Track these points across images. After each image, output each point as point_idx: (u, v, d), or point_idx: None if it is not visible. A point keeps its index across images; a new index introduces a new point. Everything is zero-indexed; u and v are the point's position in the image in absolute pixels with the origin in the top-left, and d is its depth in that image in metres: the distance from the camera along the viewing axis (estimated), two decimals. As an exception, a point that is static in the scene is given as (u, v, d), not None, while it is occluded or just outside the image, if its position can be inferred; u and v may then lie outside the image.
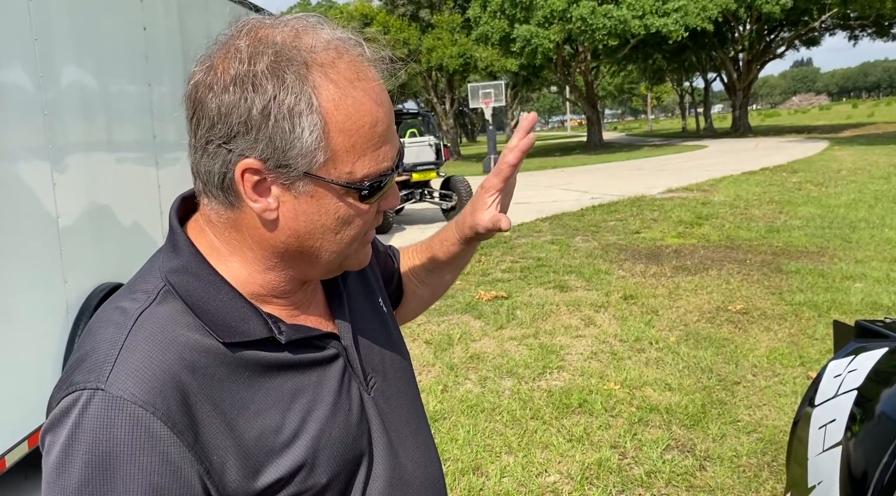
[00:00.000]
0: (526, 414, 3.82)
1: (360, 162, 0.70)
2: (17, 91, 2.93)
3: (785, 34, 38.46)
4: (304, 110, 0.66)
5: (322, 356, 0.78)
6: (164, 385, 0.66)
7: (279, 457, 0.71)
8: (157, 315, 0.70)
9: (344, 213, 0.71)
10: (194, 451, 0.66)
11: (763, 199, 11.34)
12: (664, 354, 4.60)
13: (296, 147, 0.67)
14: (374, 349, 0.87)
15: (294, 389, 0.74)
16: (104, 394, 0.64)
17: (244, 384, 0.71)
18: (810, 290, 5.82)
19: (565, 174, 20.78)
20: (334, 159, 0.68)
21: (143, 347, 0.67)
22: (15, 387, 2.80)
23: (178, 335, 0.69)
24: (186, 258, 0.74)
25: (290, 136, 0.67)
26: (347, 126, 0.68)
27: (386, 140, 0.71)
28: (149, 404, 0.64)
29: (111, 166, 3.68)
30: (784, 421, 3.55)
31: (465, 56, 34.18)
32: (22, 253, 2.87)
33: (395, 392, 0.87)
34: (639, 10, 27.82)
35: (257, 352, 0.73)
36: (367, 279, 0.96)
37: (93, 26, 3.55)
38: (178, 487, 0.64)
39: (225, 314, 0.72)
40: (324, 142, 0.67)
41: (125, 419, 0.63)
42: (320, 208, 0.70)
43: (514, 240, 9.20)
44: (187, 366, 0.68)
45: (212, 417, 0.68)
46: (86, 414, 0.63)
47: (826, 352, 4.42)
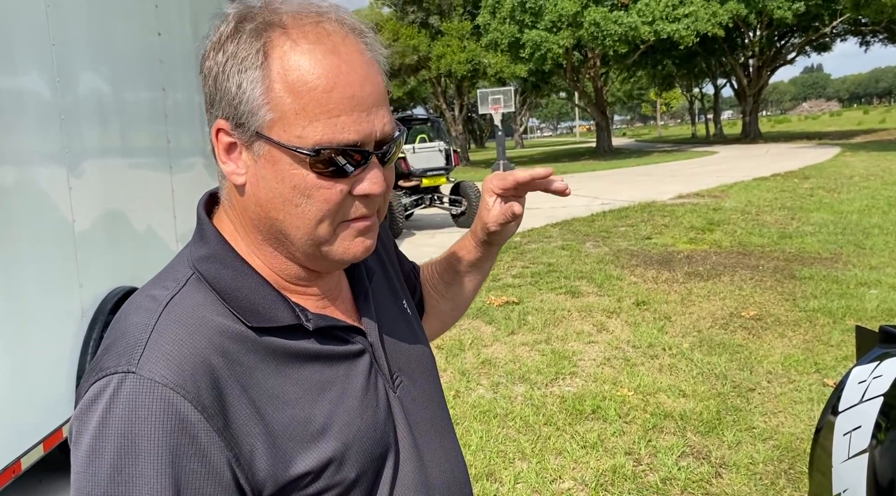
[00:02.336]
0: (539, 420, 3.80)
1: (311, 127, 0.67)
2: (34, 96, 2.95)
3: (795, 40, 38.29)
4: (250, 66, 0.67)
5: (349, 350, 0.78)
6: (196, 368, 0.66)
7: (308, 449, 0.70)
8: (186, 301, 0.71)
9: (300, 182, 0.68)
10: (224, 437, 0.65)
11: (775, 205, 11.27)
12: (678, 360, 4.57)
13: (244, 103, 0.68)
14: (401, 349, 0.87)
15: (323, 381, 0.74)
16: (135, 376, 0.64)
17: (273, 372, 0.71)
18: (824, 297, 5.77)
19: (575, 180, 20.74)
20: (283, 120, 0.67)
21: (174, 331, 0.67)
22: (30, 390, 2.81)
23: (207, 320, 0.69)
24: (213, 246, 0.75)
25: (238, 92, 0.68)
26: (298, 86, 0.66)
27: (347, 110, 0.67)
28: (180, 387, 0.64)
29: (126, 171, 3.70)
30: (800, 428, 3.52)
31: (474, 62, 34.23)
32: (38, 257, 2.88)
33: (420, 394, 0.87)
34: (649, 16, 27.78)
35: (285, 341, 0.73)
36: (391, 281, 0.96)
37: (109, 32, 3.58)
38: (207, 472, 0.64)
39: (253, 300, 0.72)
40: (271, 100, 0.67)
41: (157, 402, 0.63)
42: (276, 174, 0.69)
43: (524, 245, 9.18)
44: (217, 350, 0.68)
45: (241, 403, 0.68)
46: (117, 397, 0.63)
47: (842, 358, 4.38)
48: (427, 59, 36.34)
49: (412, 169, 11.50)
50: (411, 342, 0.90)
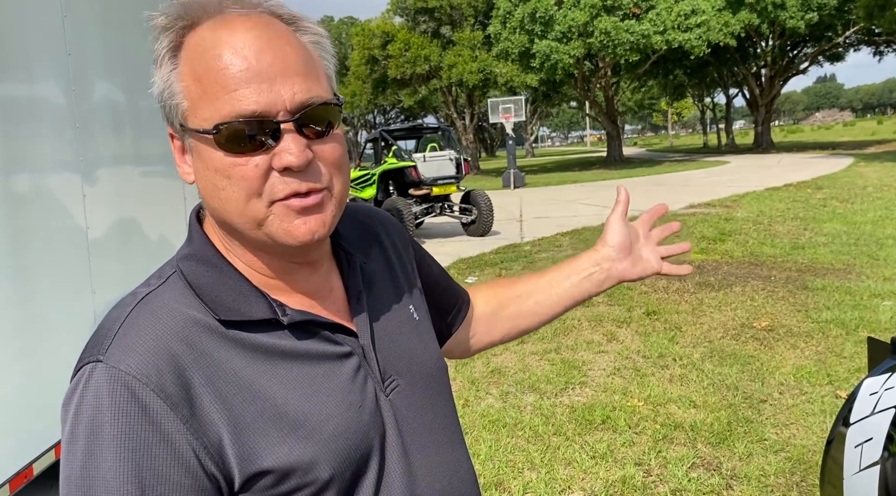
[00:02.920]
0: (548, 429, 3.78)
1: (213, 107, 0.68)
2: (50, 105, 3.00)
3: (808, 50, 38.17)
4: (169, 62, 0.70)
5: (335, 351, 0.77)
6: (160, 358, 0.68)
7: (276, 445, 0.70)
8: (162, 296, 0.73)
9: (218, 164, 0.69)
10: (189, 425, 0.67)
11: (787, 216, 11.21)
12: (688, 371, 4.54)
13: (168, 99, 0.71)
14: (400, 353, 0.85)
15: (300, 378, 0.74)
16: (103, 365, 0.67)
17: (245, 365, 0.72)
18: (837, 308, 5.72)
19: (585, 189, 20.73)
20: (193, 108, 0.69)
21: (142, 323, 0.70)
22: (42, 395, 2.83)
23: (178, 312, 0.71)
24: (197, 245, 0.77)
25: (165, 90, 0.71)
26: (200, 71, 0.68)
27: (244, 83, 0.67)
28: (143, 375, 0.66)
29: (139, 179, 3.74)
30: (813, 440, 3.48)
31: (485, 72, 34.34)
32: (52, 263, 2.91)
33: (420, 400, 0.85)
34: (660, 26, 27.79)
35: (260, 336, 0.73)
36: (398, 282, 0.93)
37: (123, 41, 3.62)
38: (172, 458, 0.66)
39: (227, 295, 0.74)
40: (183, 90, 0.69)
41: (120, 389, 0.65)
42: (203, 163, 0.71)
43: (534, 254, 9.18)
44: (183, 340, 0.70)
45: (206, 392, 0.69)
46: (88, 386, 0.67)
47: (855, 370, 4.34)
48: (438, 68, 36.49)
49: (423, 177, 11.53)
50: (415, 347, 0.88)
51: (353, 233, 0.91)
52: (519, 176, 23.36)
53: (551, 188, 22.05)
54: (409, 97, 40.77)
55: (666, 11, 27.86)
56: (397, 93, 42.63)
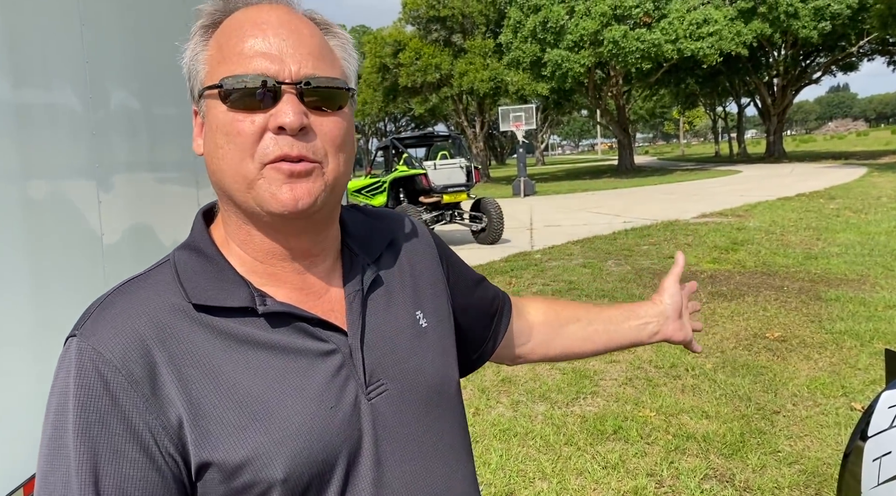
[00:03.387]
0: (560, 439, 3.76)
1: (227, 68, 0.72)
2: (67, 112, 3.02)
3: (821, 59, 38.01)
4: (199, 40, 0.77)
5: (316, 347, 0.75)
6: (126, 336, 0.70)
7: (233, 435, 0.69)
8: (144, 280, 0.76)
9: (222, 122, 0.72)
10: (149, 403, 0.68)
11: (800, 226, 11.14)
12: (700, 381, 4.51)
13: (193, 74, 0.77)
14: (395, 358, 0.81)
15: (271, 370, 0.72)
16: (77, 340, 0.71)
17: (215, 351, 0.72)
18: (851, 319, 5.67)
19: (596, 197, 20.68)
20: (210, 72, 0.74)
21: (119, 303, 0.73)
22: (56, 400, 2.85)
23: (155, 296, 0.74)
24: (195, 236, 0.80)
25: (191, 64, 0.77)
26: (222, 42, 0.74)
27: (259, 53, 0.72)
28: (108, 351, 0.69)
29: (154, 185, 3.77)
30: (827, 453, 3.45)
31: (496, 80, 34.41)
32: (67, 269, 2.93)
33: (412, 408, 0.80)
34: (672, 35, 27.77)
35: (233, 323, 0.73)
36: (408, 288, 0.89)
37: (140, 49, 3.66)
38: (128, 434, 0.67)
39: (207, 281, 0.75)
40: (205, 59, 0.75)
41: (86, 363, 0.69)
42: (211, 124, 0.74)
43: (544, 262, 9.16)
44: (152, 322, 0.71)
45: (168, 373, 0.70)
46: (64, 357, 0.71)
47: (870, 382, 4.30)
48: (449, 76, 36.59)
49: (433, 185, 11.55)
50: (415, 354, 0.83)
51: (365, 233, 0.90)
52: (529, 184, 23.34)
53: (562, 196, 22.02)
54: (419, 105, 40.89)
55: (678, 20, 27.86)
56: (408, 101, 42.78)
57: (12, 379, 2.61)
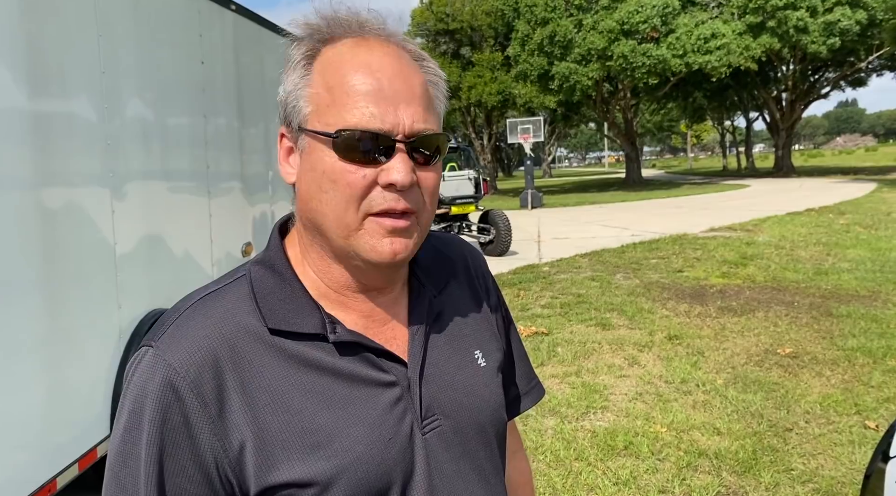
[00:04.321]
0: (570, 454, 3.73)
1: (340, 115, 0.72)
2: (83, 122, 3.04)
3: (830, 74, 37.97)
4: (305, 68, 0.75)
5: (379, 377, 0.76)
6: (202, 355, 0.71)
7: (297, 460, 0.70)
8: (224, 296, 0.76)
9: (328, 167, 0.72)
10: (214, 425, 0.69)
11: (810, 241, 11.08)
12: (712, 397, 4.47)
13: (291, 102, 0.75)
14: (452, 394, 0.82)
15: (335, 398, 0.74)
16: (153, 351, 0.71)
17: (282, 376, 0.73)
18: (863, 335, 5.62)
19: (604, 210, 20.65)
20: (318, 112, 0.73)
21: (196, 319, 0.73)
22: (66, 409, 2.84)
23: (232, 315, 0.74)
24: (271, 254, 0.80)
25: (293, 93, 0.75)
26: (332, 81, 0.73)
27: (374, 102, 0.71)
28: (182, 369, 0.70)
29: (166, 195, 3.78)
30: (841, 472, 3.40)
31: (504, 92, 34.51)
32: (81, 277, 2.94)
33: (463, 446, 0.81)
34: (679, 49, 27.81)
35: (304, 348, 0.74)
36: (469, 325, 0.89)
37: (155, 60, 3.68)
38: (191, 452, 0.69)
39: (283, 304, 0.75)
40: (309, 94, 0.74)
41: (161, 377, 0.70)
42: (312, 164, 0.74)
43: (553, 275, 9.13)
44: (228, 344, 0.72)
45: (239, 398, 0.70)
46: (139, 367, 0.72)
47: (884, 400, 4.25)
48: (457, 88, 36.72)
49: (441, 196, 11.56)
50: (468, 392, 0.84)
51: (432, 263, 0.90)
52: (537, 196, 23.34)
53: (569, 209, 22.00)
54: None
55: (686, 35, 27.90)
56: (416, 112, 42.80)
57: (26, 386, 2.61)
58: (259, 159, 5.03)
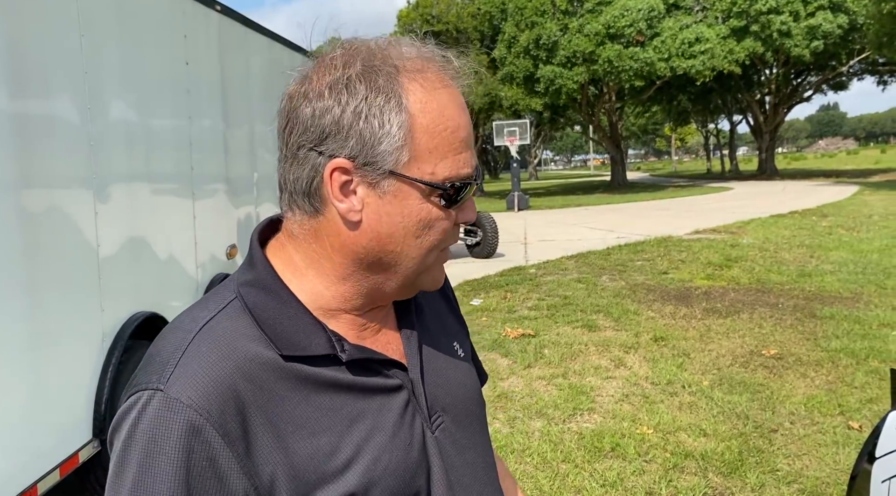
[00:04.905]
0: (557, 456, 3.73)
1: (441, 164, 0.71)
2: (65, 123, 3.00)
3: (812, 78, 38.43)
4: (394, 109, 0.69)
5: (385, 384, 0.77)
6: (222, 393, 0.67)
7: (331, 482, 0.69)
8: (223, 324, 0.72)
9: (426, 215, 0.72)
10: (243, 463, 0.66)
11: (793, 243, 11.19)
12: (697, 399, 4.49)
13: (383, 144, 0.69)
14: (446, 390, 0.84)
15: (354, 413, 0.73)
16: (163, 395, 0.66)
17: (302, 401, 0.71)
18: (846, 337, 5.68)
19: (589, 213, 20.74)
20: (418, 159, 0.70)
21: (205, 354, 0.69)
22: (49, 413, 2.80)
23: (239, 346, 0.70)
24: (260, 272, 0.75)
25: (379, 133, 0.69)
26: (432, 127, 0.71)
27: (467, 147, 0.74)
28: (204, 409, 0.65)
29: (150, 197, 3.74)
30: (826, 472, 3.43)
31: (490, 95, 34.58)
32: (63, 280, 2.90)
33: (463, 437, 0.84)
34: (664, 53, 28.02)
35: (318, 370, 0.73)
36: (444, 320, 0.94)
37: (139, 61, 3.65)
38: (221, 493, 0.65)
39: (289, 328, 0.73)
40: (410, 140, 0.70)
41: (180, 422, 0.65)
42: (403, 209, 0.71)
43: (539, 277, 9.15)
44: (245, 376, 0.69)
45: (265, 431, 0.68)
46: (144, 414, 0.65)
47: (867, 401, 4.30)
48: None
49: (428, 199, 11.53)
50: (459, 384, 0.87)
51: None
52: (523, 198, 23.39)
53: (555, 211, 22.07)
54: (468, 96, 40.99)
55: (671, 39, 28.11)
56: (403, 114, 42.83)
57: (6, 389, 2.57)
58: (244, 161, 5.00)
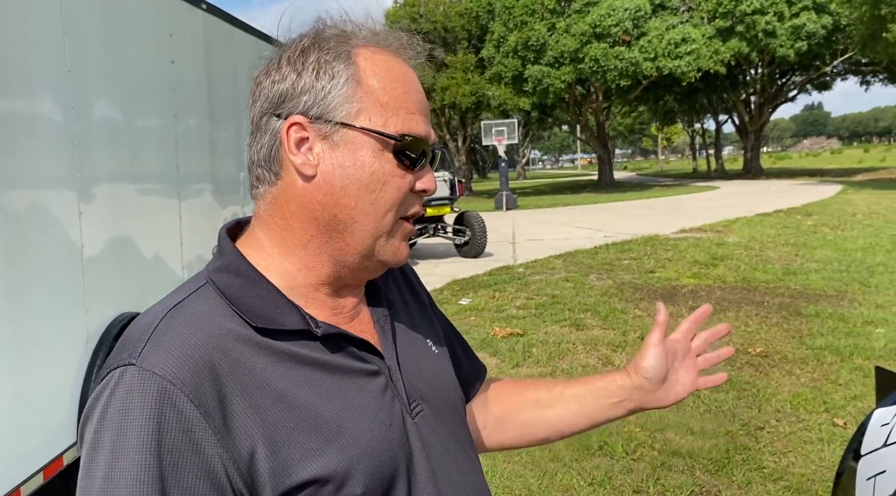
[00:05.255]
0: (545, 455, 3.74)
1: (393, 119, 0.74)
2: (48, 122, 2.97)
3: (797, 78, 38.77)
4: (342, 63, 0.74)
5: (363, 367, 0.77)
6: (196, 364, 0.66)
7: (313, 457, 0.69)
8: (194, 304, 0.72)
9: (378, 168, 0.74)
10: (220, 436, 0.65)
11: (778, 241, 11.28)
12: (684, 397, 4.51)
13: (331, 95, 0.74)
14: (422, 379, 0.85)
15: (334, 389, 0.74)
16: (135, 368, 0.65)
17: (282, 375, 0.71)
18: (831, 335, 5.73)
19: (577, 212, 20.81)
20: (368, 111, 0.74)
21: (178, 328, 0.69)
22: (32, 415, 2.77)
23: (213, 321, 0.71)
24: (229, 258, 0.77)
25: (329, 86, 0.74)
26: (381, 85, 0.75)
27: (420, 112, 0.77)
28: (179, 380, 0.65)
29: (135, 197, 3.71)
30: (811, 469, 3.46)
31: (478, 94, 34.60)
32: (46, 281, 2.86)
33: (444, 426, 0.85)
34: (651, 53, 28.16)
35: (296, 346, 0.73)
36: (414, 317, 0.94)
37: (124, 59, 3.61)
38: (200, 469, 0.64)
39: (261, 305, 0.73)
40: (358, 92, 0.74)
41: (153, 393, 0.64)
42: (356, 161, 0.74)
43: (527, 276, 9.17)
44: (220, 349, 0.68)
45: (242, 404, 0.67)
46: (117, 388, 0.65)
47: (851, 398, 4.34)
48: (431, 90, 36.73)
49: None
50: (436, 376, 0.88)
51: None
52: (511, 198, 23.43)
53: (543, 210, 22.13)
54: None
55: (657, 39, 28.26)
56: (390, 114, 42.73)
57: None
58: (230, 161, 4.96)
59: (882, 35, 23.65)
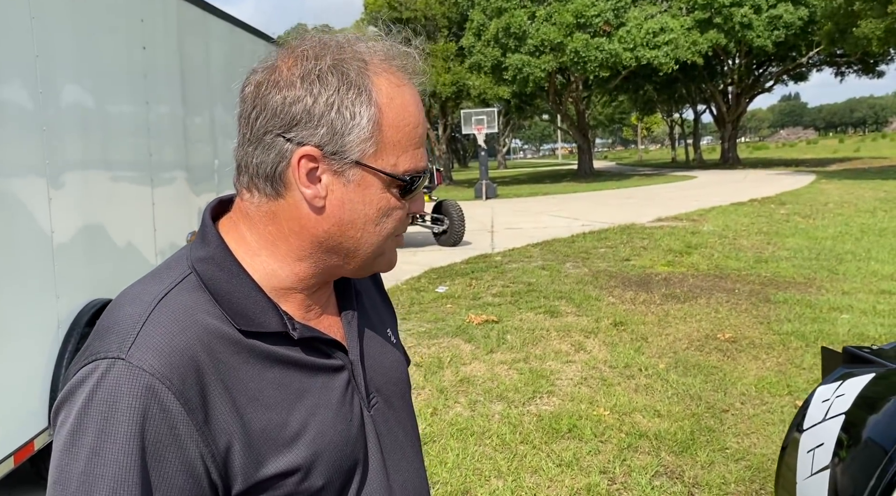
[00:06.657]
0: (516, 438, 3.81)
1: (403, 157, 0.77)
2: (16, 107, 2.96)
3: (773, 69, 39.14)
4: (364, 102, 0.74)
5: (329, 364, 0.81)
6: (183, 362, 0.70)
7: (280, 453, 0.74)
8: (180, 298, 0.74)
9: (385, 204, 0.77)
10: (202, 432, 0.69)
11: (751, 230, 11.45)
12: (653, 381, 4.61)
13: (352, 134, 0.74)
14: (381, 371, 0.90)
15: (301, 389, 0.78)
16: (124, 363, 0.68)
17: (256, 375, 0.75)
18: (798, 320, 5.87)
19: (556, 201, 20.92)
20: (382, 151, 0.75)
21: (166, 325, 0.71)
22: (2, 401, 2.78)
23: (198, 319, 0.73)
24: (214, 249, 0.78)
25: (350, 124, 0.73)
26: (396, 122, 0.76)
27: (422, 143, 0.80)
28: (165, 378, 0.68)
29: (106, 184, 3.70)
30: (772, 449, 3.56)
31: (459, 83, 34.51)
32: (15, 267, 2.86)
33: (394, 416, 0.90)
34: (630, 43, 28.26)
35: (270, 345, 0.77)
36: (377, 306, 0.98)
37: (93, 44, 3.59)
38: (181, 463, 0.68)
39: (244, 304, 0.76)
40: (377, 133, 0.75)
41: (141, 389, 0.67)
42: (365, 198, 0.76)
43: (504, 264, 9.24)
44: (205, 348, 0.72)
45: (223, 401, 0.71)
46: (104, 381, 0.67)
47: (814, 381, 4.45)
48: (412, 78, 36.46)
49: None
50: (392, 367, 0.93)
51: None
52: (491, 187, 23.48)
53: (523, 199, 22.21)
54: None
55: (636, 29, 28.36)
56: (370, 102, 42.43)
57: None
58: (204, 147, 4.95)
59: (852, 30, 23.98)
